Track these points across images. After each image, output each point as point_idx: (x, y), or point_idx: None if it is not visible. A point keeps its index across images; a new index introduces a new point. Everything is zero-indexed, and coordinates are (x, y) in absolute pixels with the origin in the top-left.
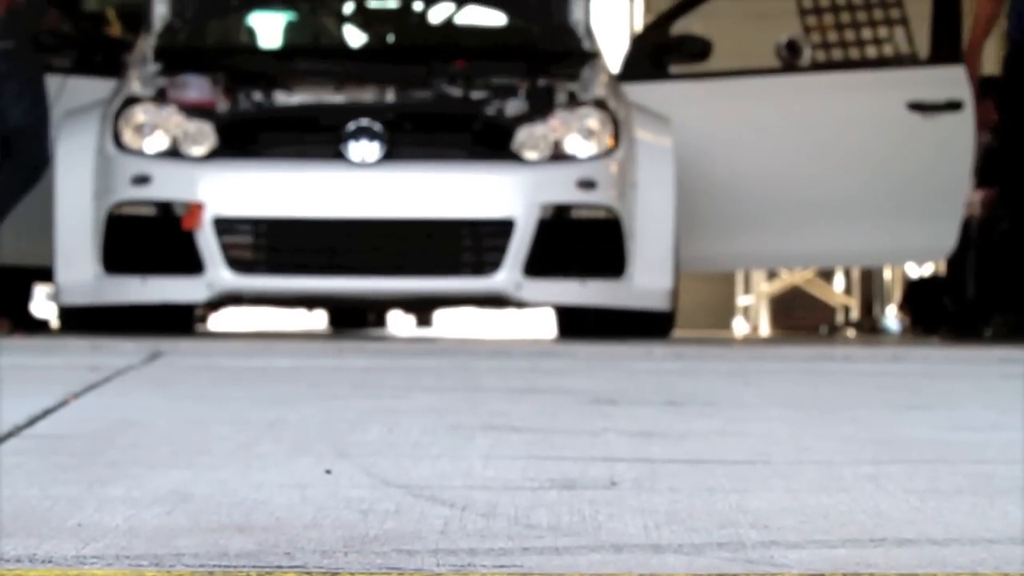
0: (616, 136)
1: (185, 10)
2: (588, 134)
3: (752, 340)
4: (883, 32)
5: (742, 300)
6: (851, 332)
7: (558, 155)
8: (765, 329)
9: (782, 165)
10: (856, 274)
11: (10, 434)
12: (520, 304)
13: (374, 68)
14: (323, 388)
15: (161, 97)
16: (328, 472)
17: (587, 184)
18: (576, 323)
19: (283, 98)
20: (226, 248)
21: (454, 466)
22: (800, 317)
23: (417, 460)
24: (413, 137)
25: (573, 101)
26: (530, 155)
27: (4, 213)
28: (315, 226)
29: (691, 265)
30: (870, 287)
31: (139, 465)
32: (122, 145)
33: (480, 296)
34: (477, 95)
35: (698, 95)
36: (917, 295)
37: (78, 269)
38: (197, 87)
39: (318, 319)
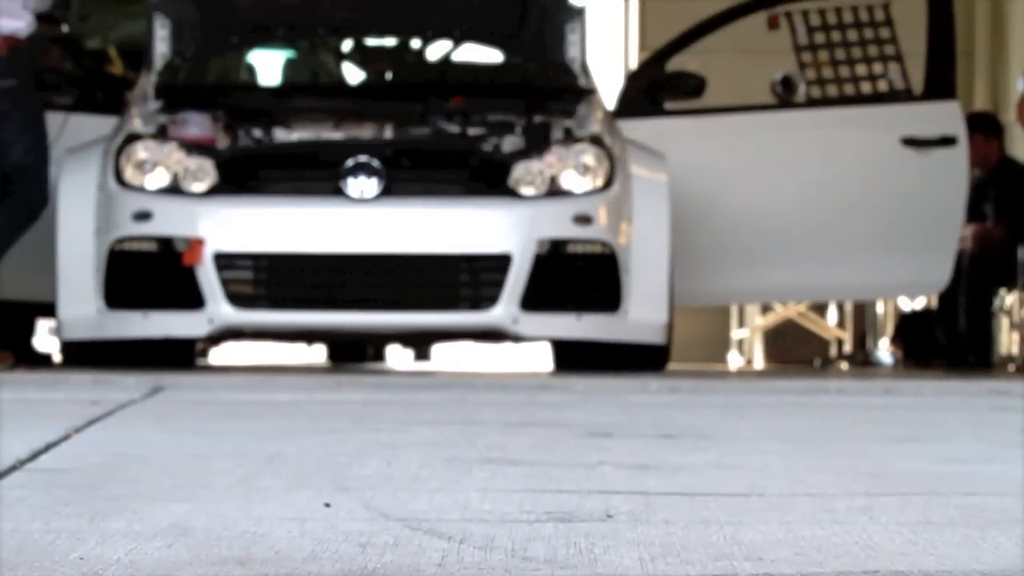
0: (612, 172)
1: (185, 48)
2: (584, 170)
3: (747, 373)
4: (878, 68)
5: (736, 333)
6: (844, 365)
7: (554, 191)
8: (759, 362)
9: (777, 200)
10: (849, 307)
11: (12, 468)
12: (517, 338)
13: (372, 105)
14: (322, 422)
15: (162, 134)
16: (327, 505)
17: (583, 219)
18: (572, 356)
19: (282, 135)
20: (226, 283)
21: (452, 499)
22: (794, 350)
23: (415, 493)
24: (411, 173)
25: (569, 137)
26: (527, 191)
27: (2, 251)
28: (314, 261)
29: (686, 299)
30: (863, 320)
31: (140, 499)
32: (123, 182)
33: (477, 330)
34: (474, 132)
35: (693, 131)
36: (909, 328)
37: (80, 304)
38: (197, 124)
39: (317, 353)
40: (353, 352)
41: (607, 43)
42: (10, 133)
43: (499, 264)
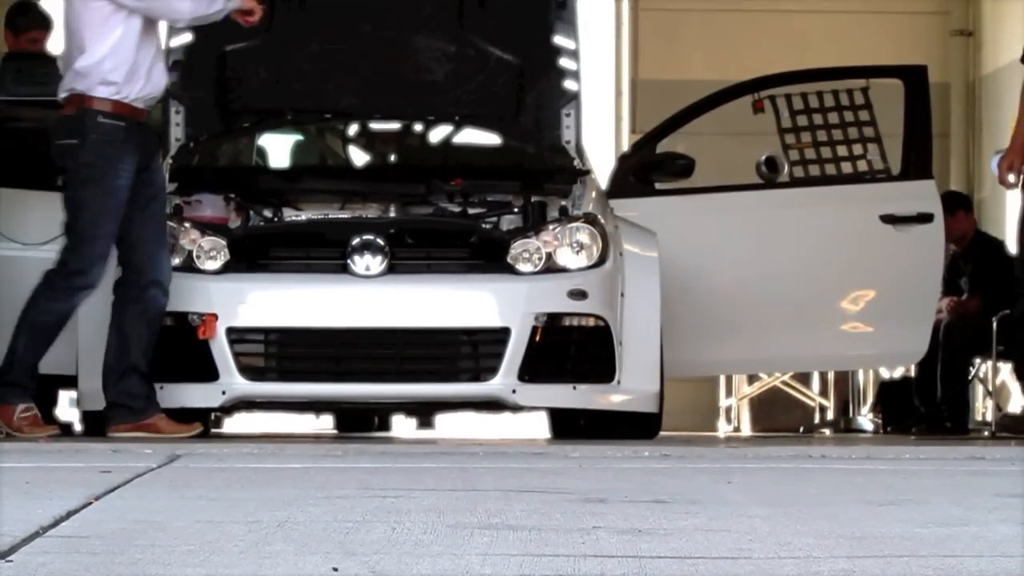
0: (605, 249)
1: (199, 132)
2: (579, 247)
3: (734, 440)
4: (858, 149)
5: (724, 402)
6: (827, 431)
7: (551, 267)
8: (747, 429)
9: (763, 275)
10: (832, 376)
11: (35, 535)
12: (516, 408)
13: (377, 186)
14: (330, 489)
15: (177, 215)
16: (335, 570)
17: (578, 294)
18: (568, 424)
19: (292, 215)
20: (238, 356)
21: (454, 563)
22: (780, 417)
23: (419, 558)
24: (414, 251)
25: (565, 216)
26: (524, 267)
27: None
28: (322, 335)
29: (676, 370)
30: (846, 388)
31: (157, 564)
32: None
33: (478, 400)
34: (474, 211)
35: (682, 209)
36: (889, 396)
37: (98, 376)
38: (211, 205)
39: (326, 422)
40: (359, 421)
41: (600, 126)
42: (66, 190)
43: (498, 337)
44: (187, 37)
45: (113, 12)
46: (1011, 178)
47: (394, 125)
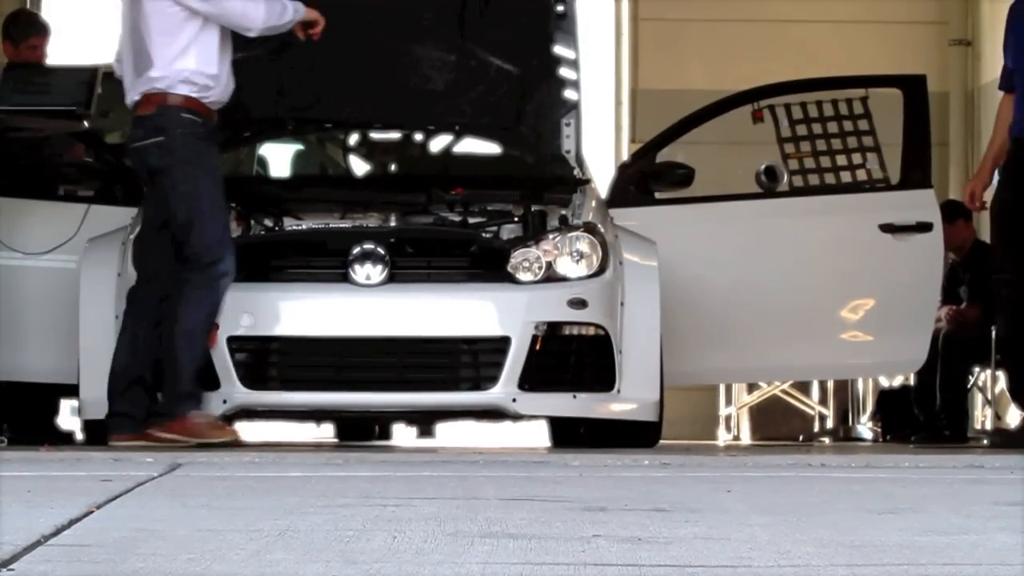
0: (605, 258)
1: None
2: (579, 256)
3: (734, 448)
4: (857, 158)
5: (724, 410)
6: (827, 440)
7: (551, 276)
8: (746, 438)
9: (762, 284)
10: (832, 385)
11: (36, 543)
12: (516, 416)
13: (377, 195)
14: (331, 497)
15: None
16: None
17: (578, 303)
18: (569, 433)
19: (292, 224)
20: (239, 365)
21: (455, 572)
22: (779, 426)
23: (420, 566)
24: (415, 260)
25: (565, 225)
26: (524, 276)
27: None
28: (323, 344)
29: (676, 379)
30: (845, 397)
31: (159, 572)
32: None
33: (478, 409)
34: (474, 220)
35: (682, 219)
36: (888, 405)
37: (101, 386)
38: None
39: (326, 431)
40: (360, 430)
41: (600, 135)
42: (168, 191)
43: (498, 346)
44: None
45: (187, 18)
46: (977, 203)
47: (394, 135)
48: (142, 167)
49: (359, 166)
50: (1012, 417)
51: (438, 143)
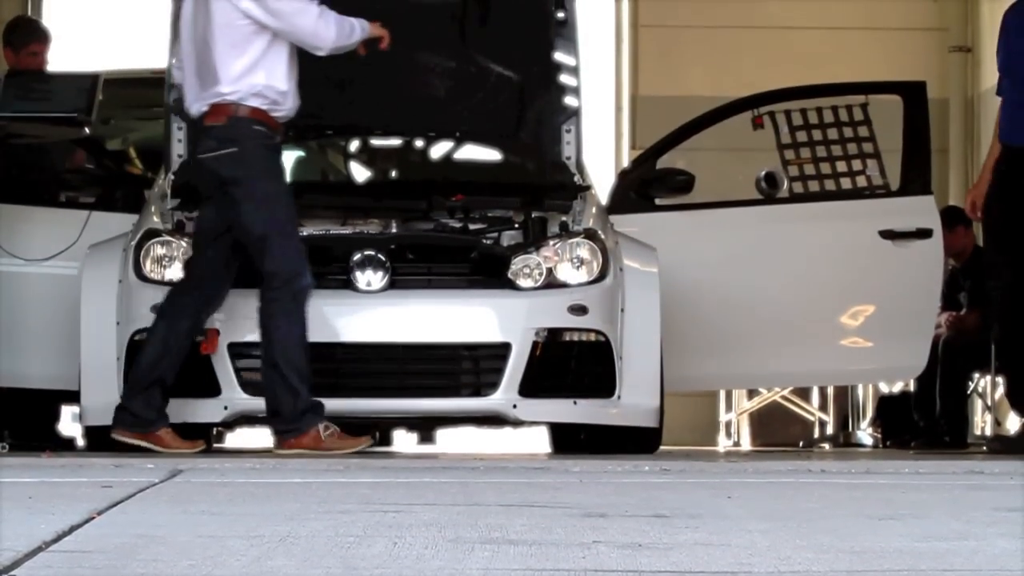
0: (605, 264)
1: None
2: (579, 263)
3: (734, 454)
4: (857, 165)
5: (724, 417)
6: (827, 446)
7: (551, 283)
8: (746, 444)
9: (762, 290)
10: (832, 391)
11: (38, 550)
12: (516, 422)
13: (378, 202)
14: (331, 503)
15: (179, 230)
16: None
17: (578, 309)
18: (569, 439)
19: None
20: (240, 371)
21: None
22: (779, 432)
23: (420, 572)
24: (416, 266)
25: (565, 232)
26: (525, 283)
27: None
28: (324, 349)
29: (676, 385)
30: (845, 403)
31: None
32: (143, 276)
33: (479, 415)
34: (475, 227)
35: (682, 225)
36: (888, 411)
37: (102, 392)
38: None
39: None
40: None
41: (601, 142)
42: (242, 202)
43: (499, 352)
44: None
45: (256, 32)
46: (978, 212)
47: (395, 141)
48: (212, 177)
49: (360, 172)
50: (1012, 423)
51: (439, 150)
